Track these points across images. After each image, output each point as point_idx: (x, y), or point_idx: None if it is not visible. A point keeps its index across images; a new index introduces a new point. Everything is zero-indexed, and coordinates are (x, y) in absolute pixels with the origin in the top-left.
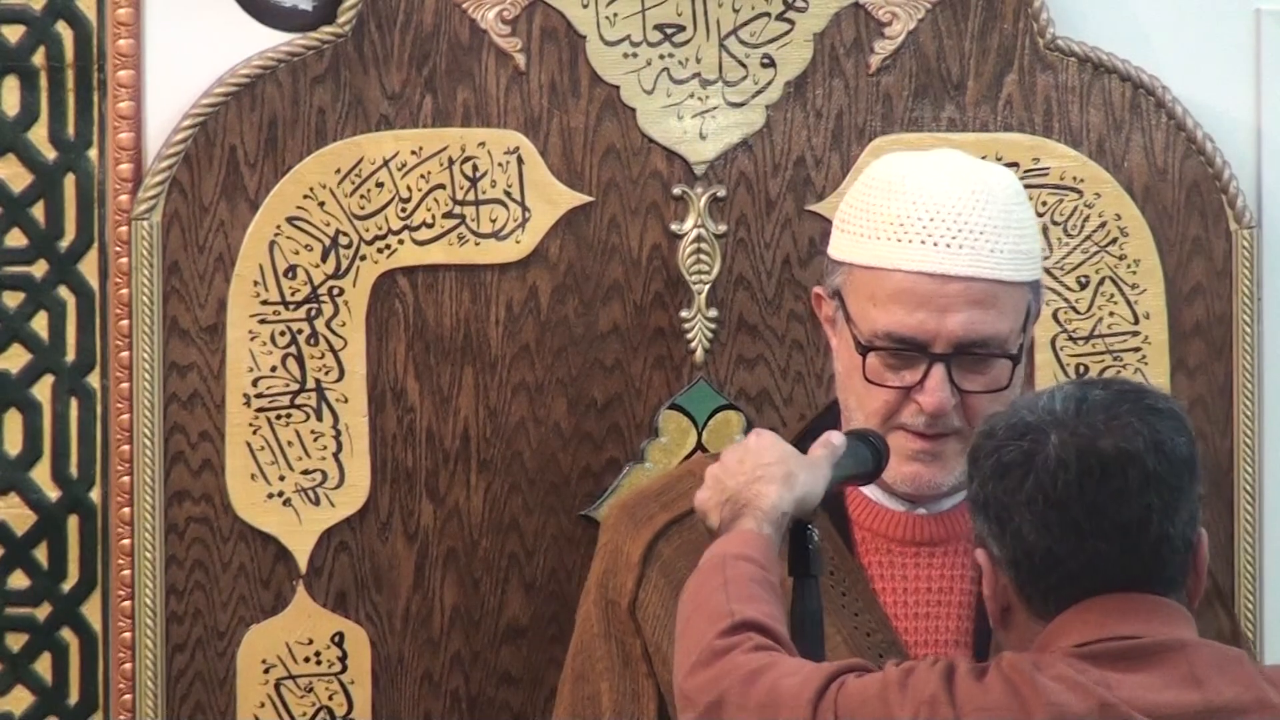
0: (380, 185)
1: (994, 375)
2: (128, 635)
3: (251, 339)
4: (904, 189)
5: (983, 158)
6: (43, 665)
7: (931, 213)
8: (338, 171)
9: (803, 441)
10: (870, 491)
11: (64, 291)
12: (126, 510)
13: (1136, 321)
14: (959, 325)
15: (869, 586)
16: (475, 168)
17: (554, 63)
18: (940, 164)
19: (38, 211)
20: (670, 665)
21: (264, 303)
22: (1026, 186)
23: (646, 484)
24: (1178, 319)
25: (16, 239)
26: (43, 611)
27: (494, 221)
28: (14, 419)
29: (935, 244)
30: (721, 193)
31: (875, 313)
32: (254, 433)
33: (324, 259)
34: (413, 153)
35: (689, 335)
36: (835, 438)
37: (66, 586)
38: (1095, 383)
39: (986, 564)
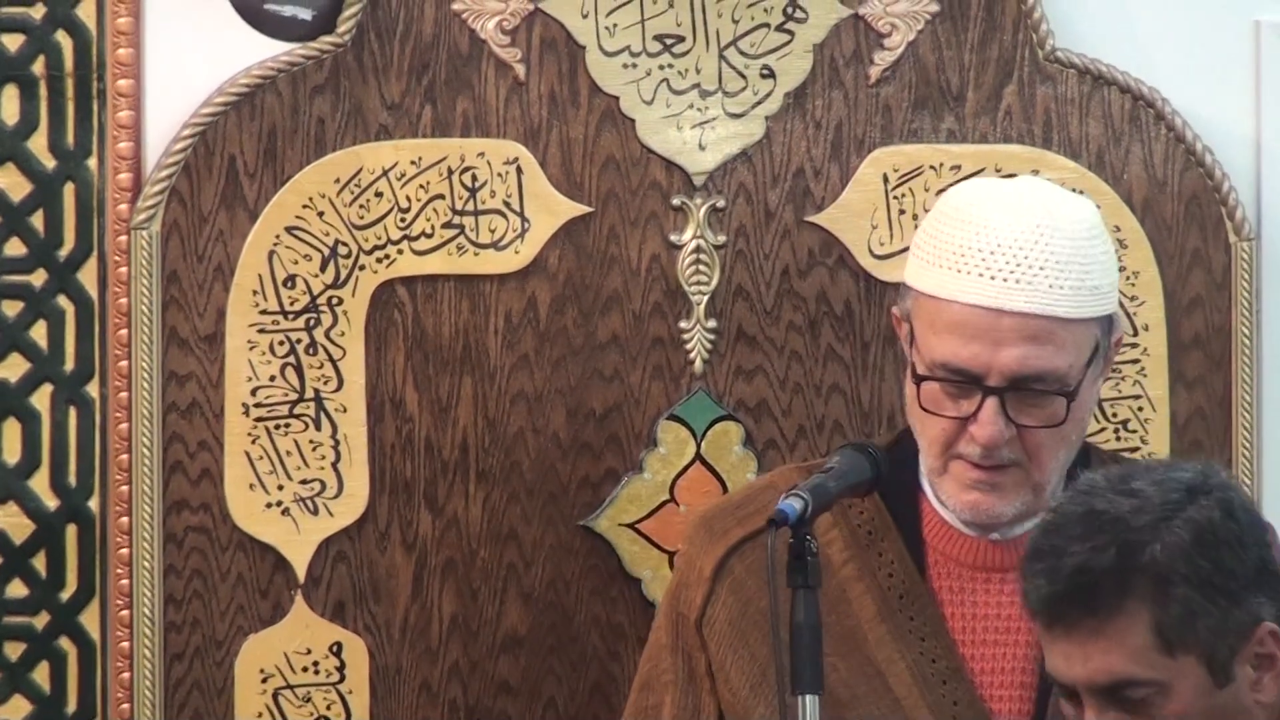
0: (379, 195)
1: (1051, 411)
2: (126, 644)
3: (250, 348)
4: (970, 219)
5: (980, 169)
6: (41, 674)
7: (992, 245)
8: (337, 181)
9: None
10: (946, 515)
11: (63, 300)
12: (125, 519)
13: (1136, 334)
14: (1013, 360)
15: (938, 611)
16: (474, 178)
17: (553, 73)
18: (1011, 194)
19: (37, 220)
20: (732, 684)
21: (263, 312)
22: None
23: (729, 494)
24: (1177, 331)
25: (16, 248)
26: (41, 620)
27: (493, 232)
28: (13, 428)
29: (993, 278)
30: (721, 203)
31: (934, 341)
32: (253, 442)
33: (323, 269)
34: (412, 163)
35: (688, 345)
36: None
37: (65, 595)
38: (1082, 484)
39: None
